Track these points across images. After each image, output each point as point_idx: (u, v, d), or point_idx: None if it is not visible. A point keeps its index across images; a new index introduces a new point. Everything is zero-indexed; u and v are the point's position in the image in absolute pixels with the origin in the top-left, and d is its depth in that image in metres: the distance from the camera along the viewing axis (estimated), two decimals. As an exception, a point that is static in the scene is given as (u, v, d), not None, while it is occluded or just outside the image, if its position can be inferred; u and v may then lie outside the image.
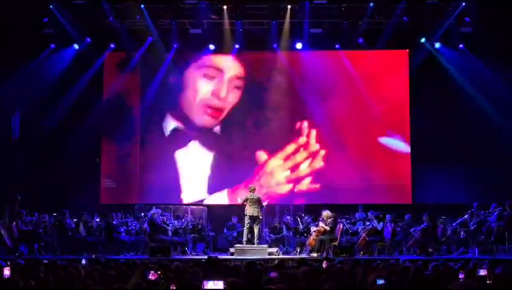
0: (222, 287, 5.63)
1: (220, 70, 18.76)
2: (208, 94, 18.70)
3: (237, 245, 15.22)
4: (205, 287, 5.65)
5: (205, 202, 18.07)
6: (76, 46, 18.14)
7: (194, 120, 18.65)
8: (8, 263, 9.02)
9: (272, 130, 18.50)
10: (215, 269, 7.95)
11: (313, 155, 18.28)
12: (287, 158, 18.32)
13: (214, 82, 18.72)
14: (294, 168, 18.27)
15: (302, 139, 18.35)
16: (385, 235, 15.56)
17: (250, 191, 15.40)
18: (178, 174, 18.40)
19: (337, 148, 18.18)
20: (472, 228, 15.30)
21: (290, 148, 18.34)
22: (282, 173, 18.30)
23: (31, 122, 18.16)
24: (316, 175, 18.25)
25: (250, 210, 15.10)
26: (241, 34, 18.00)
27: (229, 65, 18.72)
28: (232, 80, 18.69)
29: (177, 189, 18.33)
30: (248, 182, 17.58)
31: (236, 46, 18.30)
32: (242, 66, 18.80)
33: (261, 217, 15.36)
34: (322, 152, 18.22)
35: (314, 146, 18.30)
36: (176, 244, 15.74)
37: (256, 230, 15.09)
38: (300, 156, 18.29)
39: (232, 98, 18.70)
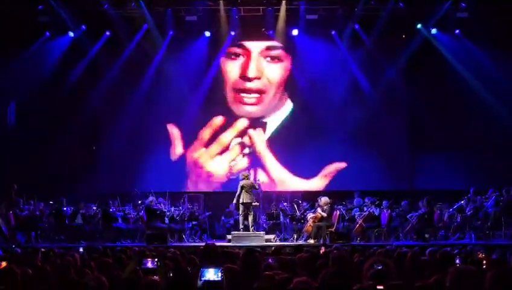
0: (220, 279, 5.51)
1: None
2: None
3: (234, 232, 15.23)
4: (203, 278, 5.51)
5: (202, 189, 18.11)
6: (71, 34, 18.04)
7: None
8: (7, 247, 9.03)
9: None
10: (212, 257, 7.93)
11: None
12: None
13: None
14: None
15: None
16: (382, 221, 15.58)
17: (244, 179, 15.33)
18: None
19: (334, 134, 18.20)
20: (469, 213, 15.34)
21: None
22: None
23: (26, 111, 18.09)
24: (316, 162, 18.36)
25: (244, 197, 15.06)
26: (237, 21, 17.93)
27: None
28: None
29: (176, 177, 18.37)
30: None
31: (232, 33, 18.23)
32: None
33: (257, 203, 15.27)
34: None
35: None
36: (173, 231, 15.76)
37: (250, 217, 15.10)
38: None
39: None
